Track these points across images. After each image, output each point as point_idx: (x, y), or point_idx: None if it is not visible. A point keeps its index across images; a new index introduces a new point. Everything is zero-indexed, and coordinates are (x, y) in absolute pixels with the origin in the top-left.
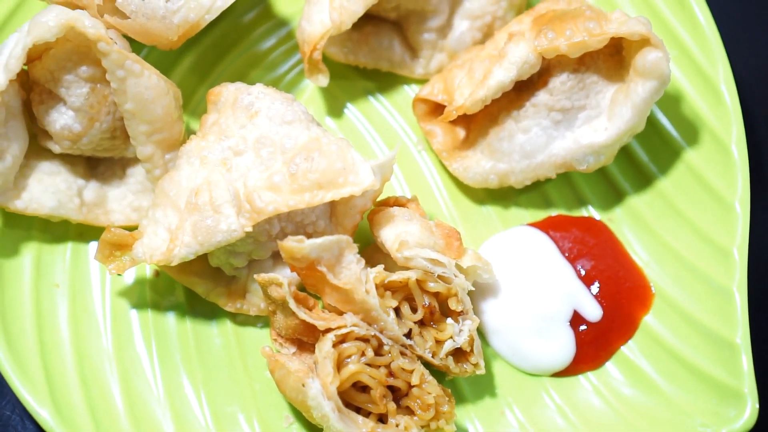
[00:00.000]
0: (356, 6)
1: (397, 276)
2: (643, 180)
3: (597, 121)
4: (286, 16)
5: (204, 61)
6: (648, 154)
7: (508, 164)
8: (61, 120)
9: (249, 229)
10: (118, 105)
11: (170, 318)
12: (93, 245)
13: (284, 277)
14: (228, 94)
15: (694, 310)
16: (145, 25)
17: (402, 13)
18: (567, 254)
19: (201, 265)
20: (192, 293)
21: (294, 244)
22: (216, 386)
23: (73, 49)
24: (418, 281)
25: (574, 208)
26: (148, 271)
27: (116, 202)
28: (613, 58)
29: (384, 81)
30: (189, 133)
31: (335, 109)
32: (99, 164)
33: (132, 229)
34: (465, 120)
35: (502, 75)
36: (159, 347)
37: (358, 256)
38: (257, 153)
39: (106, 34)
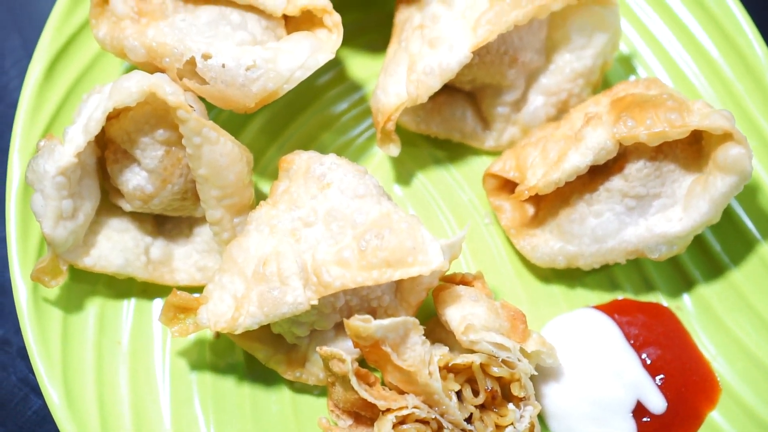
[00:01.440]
0: (434, 81)
1: (461, 359)
2: (714, 270)
3: (671, 211)
4: (359, 80)
5: (275, 121)
6: (721, 244)
7: (577, 247)
8: (134, 180)
9: (315, 302)
10: (192, 170)
11: (228, 381)
12: (156, 303)
13: (347, 353)
14: (300, 163)
15: (762, 411)
16: (223, 92)
17: (477, 85)
18: (632, 341)
19: (263, 331)
20: (251, 357)
21: (360, 324)
22: None
23: (151, 112)
24: (481, 365)
25: (641, 293)
26: (208, 332)
27: (181, 260)
28: (691, 146)
29: (454, 150)
30: (256, 191)
31: (404, 177)
32: (166, 221)
33: (195, 289)
34: (535, 198)
35: (578, 159)
36: (216, 410)
37: (424, 337)
38: (327, 226)
39: (186, 102)
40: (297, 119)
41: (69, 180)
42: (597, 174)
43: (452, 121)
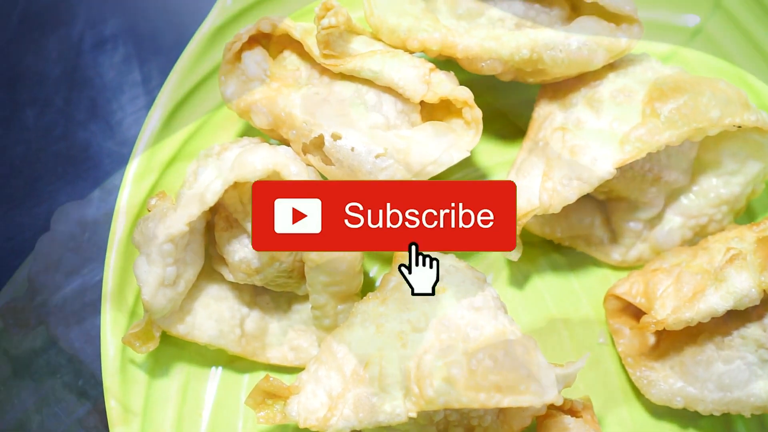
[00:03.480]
0: (570, 193)
1: None
2: None
3: None
4: (484, 168)
5: None
6: None
7: (699, 391)
8: (241, 252)
9: (413, 415)
10: (303, 253)
11: None
12: (244, 378)
13: None
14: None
15: None
16: (348, 176)
17: (612, 196)
18: None
19: None
20: None
21: None
22: None
23: None
24: None
25: None
26: None
27: (276, 337)
28: None
29: (574, 258)
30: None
31: (518, 280)
32: (265, 293)
33: (286, 369)
34: None
35: (716, 302)
36: None
37: None
38: (437, 335)
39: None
40: None
41: (176, 247)
42: (732, 316)
43: (579, 229)
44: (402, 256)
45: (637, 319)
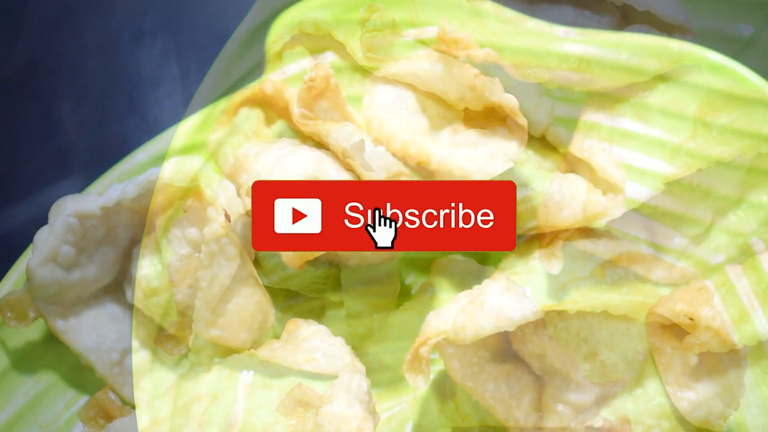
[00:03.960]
0: (616, 207)
1: None
2: None
3: None
4: (525, 177)
5: None
6: None
7: (742, 415)
8: (276, 256)
9: (448, 430)
10: (341, 258)
11: None
12: (275, 383)
13: None
14: (455, 270)
15: None
16: None
17: (657, 211)
18: None
19: None
20: None
21: None
22: None
23: None
24: None
25: None
26: None
27: (307, 342)
28: None
29: (614, 271)
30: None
31: (557, 292)
32: (299, 297)
33: (319, 376)
34: None
35: (764, 325)
36: None
37: None
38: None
39: None
40: None
41: (211, 249)
42: None
43: (621, 242)
44: (439, 265)
45: (679, 337)
